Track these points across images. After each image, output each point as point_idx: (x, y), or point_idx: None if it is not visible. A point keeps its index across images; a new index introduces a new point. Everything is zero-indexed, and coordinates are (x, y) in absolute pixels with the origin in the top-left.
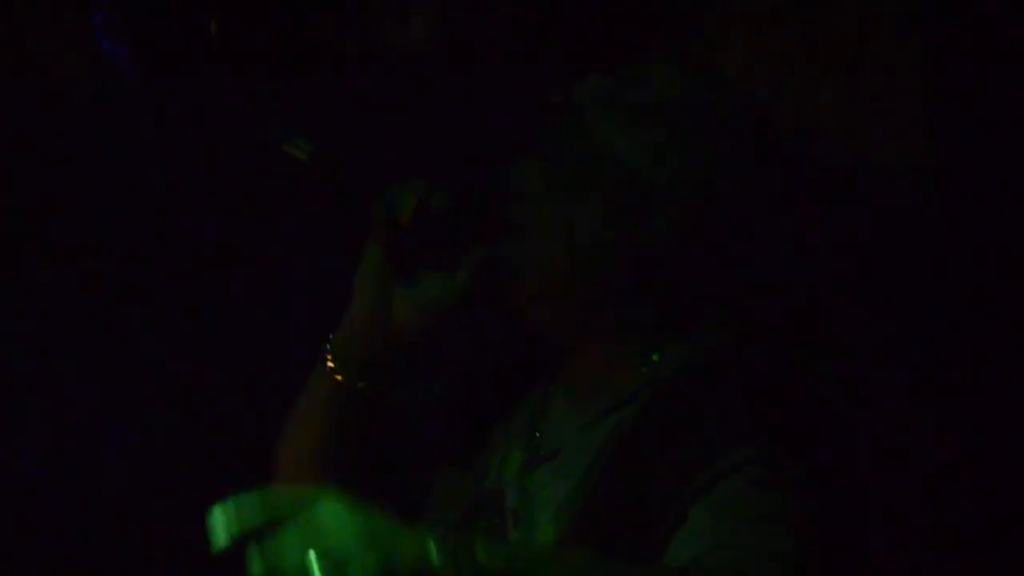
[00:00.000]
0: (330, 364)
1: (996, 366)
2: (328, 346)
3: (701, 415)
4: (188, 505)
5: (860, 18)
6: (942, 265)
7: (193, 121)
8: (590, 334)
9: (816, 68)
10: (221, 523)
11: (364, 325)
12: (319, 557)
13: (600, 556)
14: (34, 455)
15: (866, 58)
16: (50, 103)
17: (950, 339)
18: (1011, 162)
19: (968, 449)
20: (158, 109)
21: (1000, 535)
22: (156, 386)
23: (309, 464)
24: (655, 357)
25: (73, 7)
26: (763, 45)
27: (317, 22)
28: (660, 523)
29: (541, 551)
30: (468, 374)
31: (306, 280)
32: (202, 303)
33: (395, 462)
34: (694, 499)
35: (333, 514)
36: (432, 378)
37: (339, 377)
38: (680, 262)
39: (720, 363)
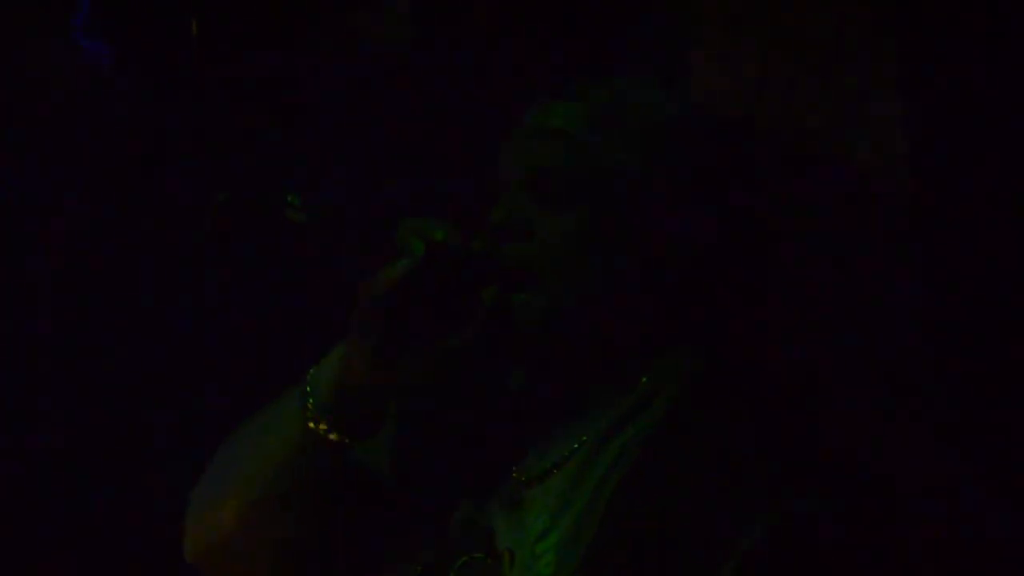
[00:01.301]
0: (309, 407)
1: (980, 361)
2: (309, 390)
3: (710, 457)
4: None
5: (837, 13)
6: (921, 260)
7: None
8: (588, 358)
9: (794, 64)
10: None
11: (362, 378)
12: None
13: None
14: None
15: (844, 53)
16: (29, 103)
17: (926, 334)
18: (988, 156)
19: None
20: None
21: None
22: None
23: (260, 521)
24: (644, 379)
25: (53, 6)
26: (741, 41)
27: (295, 19)
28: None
29: None
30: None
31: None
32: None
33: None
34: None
35: None
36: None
37: (314, 425)
38: (686, 283)
39: (717, 381)
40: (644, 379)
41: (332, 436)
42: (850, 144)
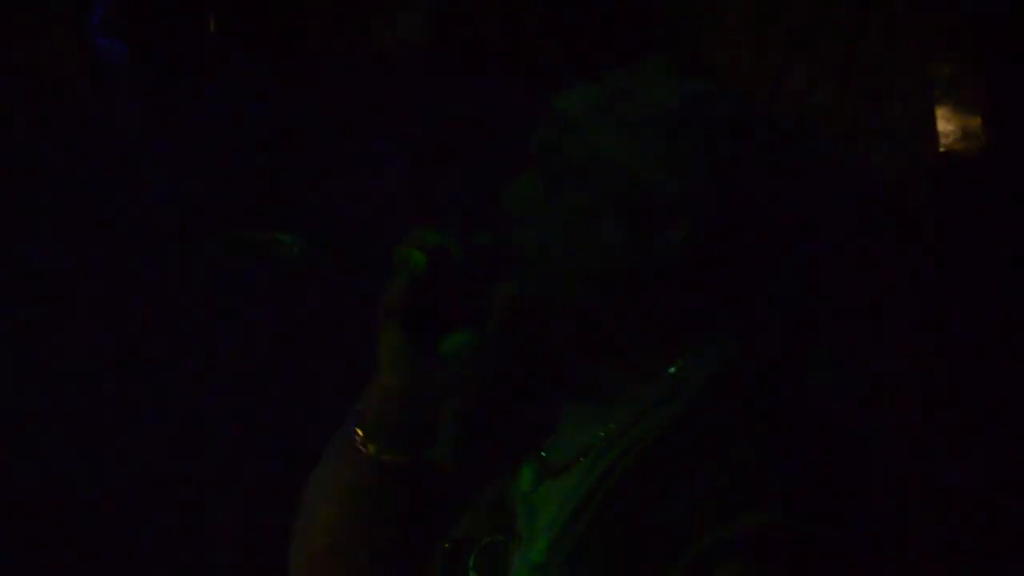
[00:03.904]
0: (359, 435)
1: (997, 368)
2: (356, 423)
3: (713, 459)
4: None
5: (856, 16)
6: (938, 264)
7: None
8: (607, 349)
9: (812, 66)
10: None
11: (400, 399)
12: None
13: None
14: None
15: (862, 56)
16: (48, 103)
17: (947, 341)
18: (1009, 161)
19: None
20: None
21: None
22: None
23: (348, 556)
24: (671, 370)
25: (71, 5)
26: (759, 43)
27: (310, 22)
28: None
29: None
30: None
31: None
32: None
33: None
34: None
35: None
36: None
37: (364, 448)
38: (695, 270)
39: (736, 389)
40: (671, 370)
41: (386, 456)
42: (866, 147)
